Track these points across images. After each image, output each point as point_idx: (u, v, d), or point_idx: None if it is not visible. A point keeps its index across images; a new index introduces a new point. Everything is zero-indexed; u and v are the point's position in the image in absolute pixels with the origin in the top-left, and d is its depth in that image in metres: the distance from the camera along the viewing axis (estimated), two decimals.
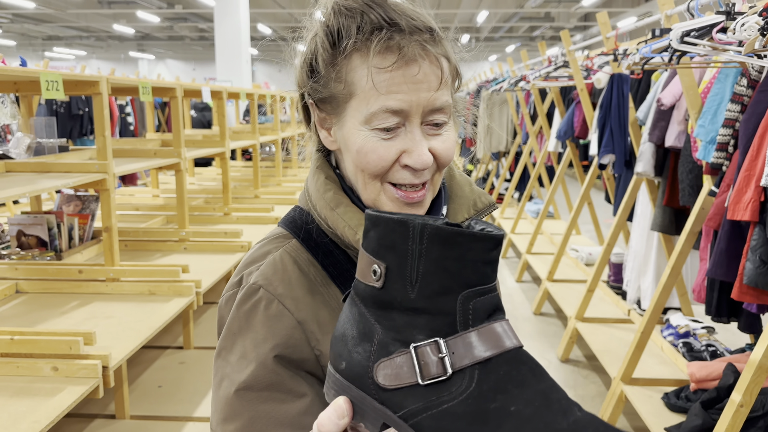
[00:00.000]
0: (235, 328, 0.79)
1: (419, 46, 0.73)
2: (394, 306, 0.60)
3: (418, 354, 0.57)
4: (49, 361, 1.87)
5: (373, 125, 0.75)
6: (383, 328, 0.60)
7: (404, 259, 0.58)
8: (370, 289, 0.61)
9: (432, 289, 0.58)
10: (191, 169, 6.29)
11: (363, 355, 0.60)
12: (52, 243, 3.01)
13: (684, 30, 1.93)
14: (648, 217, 3.50)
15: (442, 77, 0.75)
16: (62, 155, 2.98)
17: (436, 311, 0.58)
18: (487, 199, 0.89)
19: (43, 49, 23.93)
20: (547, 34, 20.73)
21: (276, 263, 0.80)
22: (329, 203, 0.81)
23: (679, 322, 3.15)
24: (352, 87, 0.76)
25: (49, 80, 2.16)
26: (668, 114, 2.95)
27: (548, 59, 4.64)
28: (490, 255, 0.59)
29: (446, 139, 0.78)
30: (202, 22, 17.61)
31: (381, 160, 0.76)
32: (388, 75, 0.73)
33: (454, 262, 0.57)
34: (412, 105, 0.74)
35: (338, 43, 0.76)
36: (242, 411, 0.75)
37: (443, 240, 0.57)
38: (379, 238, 0.59)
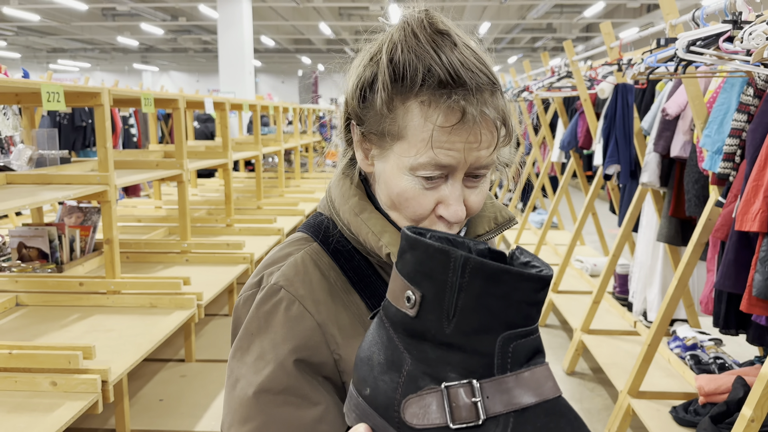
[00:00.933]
0: (253, 328, 0.78)
1: (481, 110, 0.72)
2: (427, 338, 0.57)
3: (450, 395, 0.55)
4: (47, 375, 1.84)
5: (418, 173, 0.74)
6: (413, 359, 0.57)
7: (442, 291, 0.55)
8: (402, 315, 0.58)
9: (470, 326, 0.55)
10: (194, 180, 6.28)
11: (390, 385, 0.58)
12: (53, 255, 2.99)
13: (690, 39, 1.91)
14: (653, 227, 3.47)
15: (497, 142, 0.74)
16: (63, 167, 2.96)
17: (473, 350, 0.55)
18: (507, 214, 0.88)
19: (48, 62, 24.07)
20: (549, 45, 20.77)
21: (297, 265, 0.80)
22: (353, 209, 0.81)
23: (687, 334, 3.11)
24: (405, 131, 0.74)
25: (50, 92, 2.15)
26: (673, 124, 2.93)
27: (551, 70, 4.62)
28: (537, 296, 0.56)
29: (480, 191, 0.79)
30: (205, 35, 17.69)
31: (420, 208, 0.76)
32: (447, 134, 0.72)
33: (498, 300, 0.54)
34: (460, 162, 0.73)
35: (401, 84, 0.73)
36: (257, 413, 0.73)
37: (487, 276, 0.54)
38: (416, 263, 0.56)
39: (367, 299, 0.79)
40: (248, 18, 11.55)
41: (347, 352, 0.77)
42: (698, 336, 3.06)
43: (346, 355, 0.77)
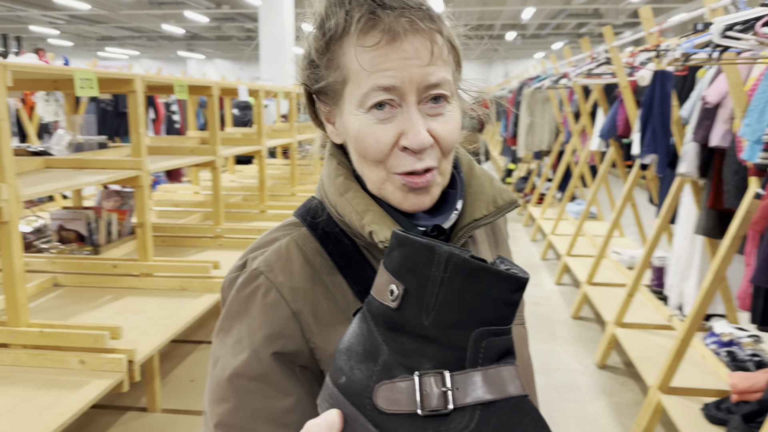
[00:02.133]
0: (233, 311, 0.79)
1: (407, 21, 0.71)
2: (406, 330, 0.59)
3: (422, 383, 0.57)
4: (76, 354, 1.90)
5: (367, 105, 0.73)
6: (390, 350, 0.59)
7: (424, 285, 0.57)
8: (384, 308, 0.60)
9: (447, 320, 0.57)
10: (231, 166, 6.38)
11: (365, 374, 0.59)
12: (91, 238, 3.09)
13: (726, 24, 1.84)
14: (692, 219, 3.37)
15: (433, 50, 0.72)
16: (100, 152, 3.04)
17: (447, 343, 0.57)
18: (508, 196, 0.84)
19: (98, 50, 24.71)
20: (595, 31, 20.27)
21: (281, 251, 0.80)
22: (339, 188, 0.80)
23: (723, 330, 3.02)
24: (345, 72, 0.75)
25: (83, 78, 2.20)
26: (713, 112, 2.82)
27: (591, 56, 4.51)
28: (513, 296, 0.57)
29: (447, 120, 0.76)
30: (248, 22, 17.87)
31: (378, 143, 0.74)
32: (376, 53, 0.72)
33: (475, 297, 0.56)
34: (404, 81, 0.72)
35: (331, 31, 0.75)
36: (230, 396, 0.75)
37: (468, 273, 0.56)
38: (402, 259, 0.59)
39: (354, 284, 0.78)
40: (289, 5, 11.61)
41: (323, 341, 0.76)
42: (735, 332, 2.97)
43: (322, 344, 0.76)
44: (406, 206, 0.77)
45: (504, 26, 20.22)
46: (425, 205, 0.78)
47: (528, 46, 25.27)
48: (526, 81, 7.76)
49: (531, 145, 7.35)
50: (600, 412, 3.09)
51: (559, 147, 7.11)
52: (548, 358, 3.68)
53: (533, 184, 8.39)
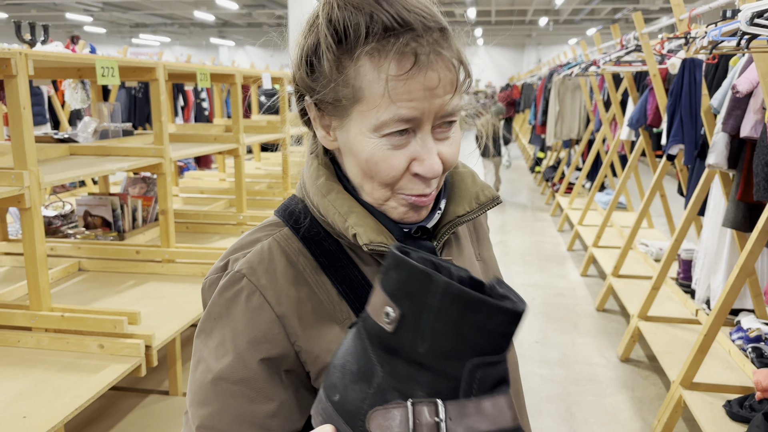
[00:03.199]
0: (215, 313, 0.77)
1: (434, 51, 0.69)
2: (401, 355, 0.59)
3: (415, 411, 0.57)
4: (95, 338, 1.94)
5: (383, 133, 0.72)
6: (384, 372, 0.59)
7: (420, 312, 0.57)
8: (379, 329, 0.60)
9: (442, 349, 0.57)
10: (257, 153, 6.42)
11: (358, 395, 0.60)
12: (116, 224, 3.14)
13: (755, 11, 1.77)
14: (720, 212, 3.28)
15: (457, 83, 0.72)
16: (124, 139, 3.08)
17: (442, 372, 0.57)
18: (490, 193, 0.85)
19: (131, 36, 25.04)
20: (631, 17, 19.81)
21: (263, 252, 0.78)
22: (321, 189, 0.79)
23: (751, 326, 2.94)
24: (361, 92, 0.71)
25: (104, 66, 2.23)
26: (744, 102, 2.74)
27: (620, 42, 4.41)
28: (509, 328, 0.57)
29: (453, 142, 0.76)
30: (279, 9, 17.90)
31: (392, 170, 0.73)
32: (403, 83, 0.69)
33: (471, 328, 0.56)
34: (424, 112, 0.71)
35: (345, 42, 0.71)
36: (213, 399, 0.74)
37: (465, 304, 0.56)
38: (399, 282, 0.59)
39: (338, 284, 0.77)
40: None
41: (308, 343, 0.76)
42: (763, 328, 2.89)
43: (306, 347, 0.76)
44: (406, 220, 0.78)
45: (537, 12, 19.90)
46: (422, 218, 0.79)
47: (561, 32, 24.84)
48: (556, 68, 7.63)
49: (560, 134, 7.24)
50: (621, 405, 3.05)
51: (589, 135, 6.99)
52: (570, 351, 3.64)
53: (562, 173, 8.28)
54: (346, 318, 0.77)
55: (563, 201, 7.19)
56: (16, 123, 1.84)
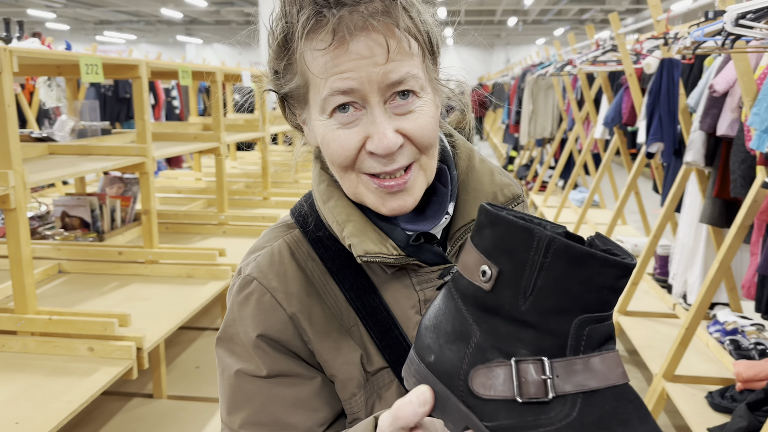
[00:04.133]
0: (230, 319, 0.78)
1: (360, 18, 0.66)
2: (500, 313, 0.57)
3: (520, 369, 0.55)
4: (85, 341, 1.90)
5: (329, 110, 0.70)
6: (482, 331, 0.58)
7: (521, 269, 0.55)
8: (475, 289, 0.58)
9: (547, 306, 0.55)
10: (233, 153, 6.36)
11: (456, 355, 0.58)
12: (95, 224, 3.08)
13: (739, 12, 1.82)
14: (697, 208, 3.36)
15: (389, 46, 0.67)
16: (104, 138, 3.03)
17: (546, 330, 0.55)
18: (510, 192, 0.79)
19: (95, 33, 24.53)
20: (597, 17, 20.14)
21: (273, 255, 0.78)
22: (322, 196, 0.78)
23: (727, 319, 3.02)
24: (306, 76, 0.71)
25: (88, 64, 2.18)
26: (721, 101, 2.81)
27: (596, 43, 4.48)
28: (619, 283, 0.55)
29: (418, 116, 0.71)
30: (248, 6, 17.73)
31: (343, 150, 0.71)
32: (328, 56, 0.67)
33: (578, 284, 0.54)
34: (362, 82, 0.67)
35: (289, 34, 0.71)
36: (254, 395, 0.75)
37: (571, 258, 0.53)
38: (495, 239, 0.56)
39: (346, 291, 0.76)
40: None
41: (319, 347, 0.76)
42: (739, 321, 2.97)
43: (318, 351, 0.76)
44: (386, 211, 0.74)
45: (505, 12, 20.08)
46: (407, 206, 0.73)
47: (529, 32, 25.12)
48: (529, 68, 7.72)
49: (534, 133, 7.33)
50: None
51: (562, 134, 7.09)
52: None
53: (535, 172, 8.38)
54: (353, 325, 0.76)
55: (537, 199, 7.28)
56: (0, 121, 1.79)
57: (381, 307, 0.75)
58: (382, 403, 0.76)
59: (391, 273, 0.77)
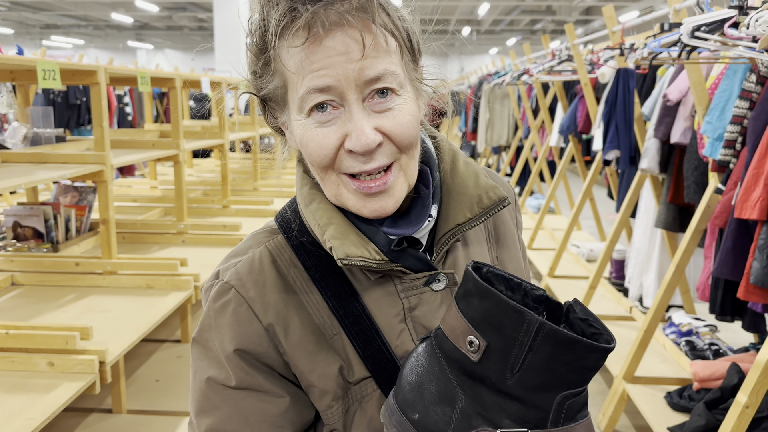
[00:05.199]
0: (206, 324, 0.77)
1: (335, 14, 0.66)
2: (485, 383, 0.61)
3: None
4: (44, 356, 1.83)
5: (306, 109, 0.69)
6: (467, 397, 0.61)
7: (510, 346, 0.59)
8: (461, 355, 0.61)
9: (533, 382, 0.59)
10: (189, 160, 6.24)
11: (442, 418, 0.62)
12: (49, 235, 2.98)
13: (695, 24, 1.89)
14: (651, 213, 3.47)
15: (365, 42, 0.67)
16: (59, 146, 2.93)
17: (531, 403, 0.59)
18: (496, 195, 0.77)
19: (41, 38, 23.79)
20: (549, 28, 20.63)
21: (254, 262, 0.76)
22: (304, 199, 0.77)
23: (682, 320, 3.12)
24: (284, 76, 0.71)
25: (46, 69, 2.11)
26: (674, 110, 2.91)
27: (552, 53, 4.59)
28: (599, 363, 0.59)
29: (398, 114, 0.70)
30: (201, 12, 17.49)
31: (321, 149, 0.70)
32: (303, 53, 0.67)
33: (563, 365, 0.58)
34: (339, 79, 0.67)
35: (266, 36, 0.71)
36: (220, 405, 0.75)
37: (559, 343, 0.58)
38: (485, 313, 0.60)
39: (328, 299, 0.75)
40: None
41: (294, 359, 0.75)
42: (693, 322, 3.08)
43: (293, 362, 0.75)
44: (366, 213, 0.72)
45: (459, 21, 20.37)
46: (388, 208, 0.72)
47: (482, 41, 25.53)
48: (486, 77, 7.84)
49: (490, 141, 7.44)
50: None
51: (518, 142, 7.22)
52: None
53: None
54: (335, 333, 0.75)
55: None
56: None
57: (364, 316, 0.74)
58: (363, 413, 0.75)
59: (375, 279, 0.75)
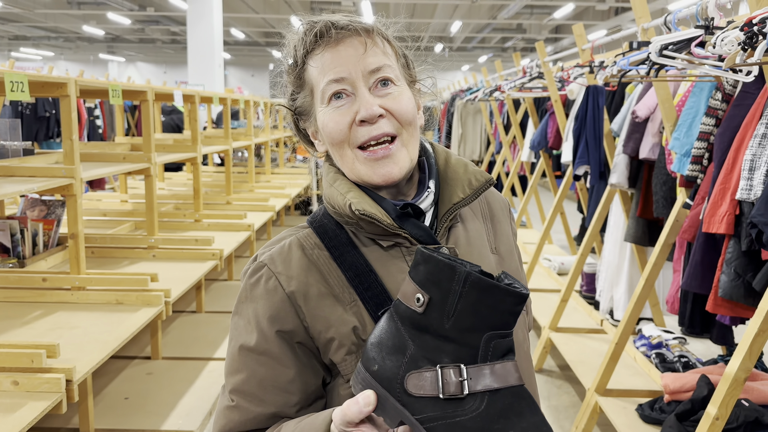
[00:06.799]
0: (243, 297, 0.94)
1: (345, 31, 0.89)
2: (429, 331, 0.73)
3: (443, 373, 0.72)
4: (9, 374, 1.78)
5: (327, 99, 0.90)
6: (416, 345, 0.74)
7: (446, 296, 0.72)
8: (411, 312, 0.74)
9: (464, 324, 0.72)
10: (161, 174, 6.17)
11: (395, 363, 0.74)
12: (15, 249, 2.91)
13: (663, 43, 1.94)
14: (621, 227, 3.52)
15: (367, 43, 0.89)
16: (27, 159, 2.87)
17: (463, 343, 0.72)
18: (482, 177, 0.95)
19: (9, 49, 23.39)
20: (519, 45, 20.96)
21: (284, 248, 0.93)
22: (330, 181, 0.94)
23: (652, 333, 3.16)
24: (311, 85, 0.93)
25: (13, 81, 2.08)
26: (642, 126, 2.97)
27: (523, 70, 4.66)
28: (516, 308, 0.72)
29: (397, 96, 0.90)
30: (174, 25, 17.38)
31: (338, 124, 0.89)
32: (324, 57, 0.90)
33: (487, 308, 0.71)
34: (350, 72, 0.88)
35: (296, 59, 0.94)
36: (242, 368, 0.90)
37: (482, 289, 0.71)
38: (427, 273, 0.73)
39: (345, 271, 0.90)
40: (218, 10, 11.38)
41: (313, 321, 0.89)
42: (663, 335, 3.12)
43: (312, 324, 0.89)
44: (376, 178, 0.89)
45: (431, 38, 20.58)
46: (394, 173, 0.89)
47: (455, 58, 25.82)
48: (458, 93, 7.92)
49: (463, 155, 7.50)
50: None
51: (490, 157, 7.29)
52: None
53: None
54: (352, 301, 0.89)
55: None
56: None
57: (376, 283, 0.89)
58: None
59: (386, 248, 0.91)
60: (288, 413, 0.90)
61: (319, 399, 0.93)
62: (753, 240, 1.91)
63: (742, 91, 2.13)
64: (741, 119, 2.07)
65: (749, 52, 1.57)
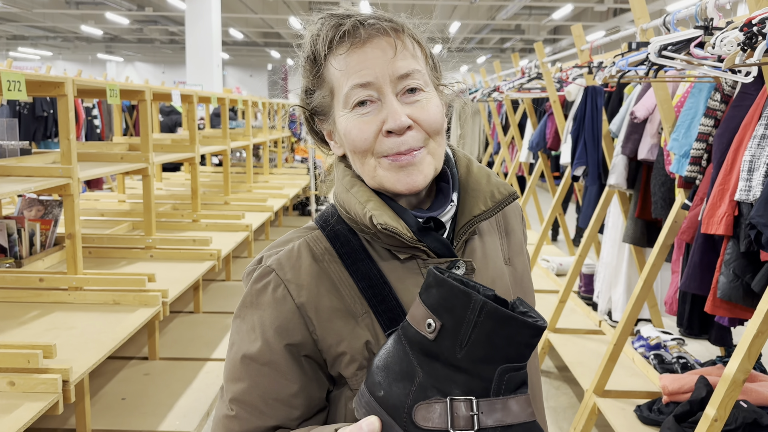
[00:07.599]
0: (247, 302, 0.88)
1: (373, 29, 0.82)
2: (439, 359, 0.70)
3: (453, 406, 0.69)
4: (5, 375, 1.77)
5: (351, 104, 0.83)
6: (425, 373, 0.71)
7: (460, 324, 0.69)
8: (421, 337, 0.71)
9: (477, 355, 0.69)
10: (159, 174, 6.16)
11: (402, 391, 0.71)
12: (12, 249, 2.90)
13: (662, 44, 1.94)
14: (619, 228, 3.52)
15: (397, 46, 0.82)
16: (24, 158, 2.86)
17: (476, 374, 0.69)
18: (506, 190, 0.90)
19: (8, 49, 23.35)
20: (518, 46, 20.97)
21: (292, 252, 0.88)
22: (345, 186, 0.88)
23: (650, 334, 3.16)
24: (330, 84, 0.86)
25: (10, 80, 2.07)
26: (641, 127, 2.97)
27: (521, 70, 4.66)
28: (533, 341, 0.69)
29: (424, 105, 0.84)
30: (172, 26, 17.37)
31: (363, 133, 0.83)
32: (350, 58, 0.82)
33: (502, 339, 0.68)
34: (377, 76, 0.82)
35: (316, 56, 0.86)
36: (244, 377, 0.85)
37: (498, 319, 0.68)
38: (440, 298, 0.70)
39: (358, 281, 0.85)
40: (217, 10, 11.38)
41: (323, 333, 0.85)
42: (662, 336, 3.11)
43: (321, 337, 0.85)
44: (400, 187, 0.84)
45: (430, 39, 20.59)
46: (419, 182, 0.84)
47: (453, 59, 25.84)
48: None
49: None
50: None
51: (488, 158, 7.29)
52: None
53: None
54: (364, 312, 0.84)
55: None
56: None
57: (390, 296, 0.84)
58: None
59: (402, 261, 0.86)
60: (289, 426, 0.86)
61: (321, 411, 0.89)
62: (752, 241, 1.90)
63: (741, 92, 2.13)
64: (740, 120, 2.06)
65: (748, 52, 1.57)
